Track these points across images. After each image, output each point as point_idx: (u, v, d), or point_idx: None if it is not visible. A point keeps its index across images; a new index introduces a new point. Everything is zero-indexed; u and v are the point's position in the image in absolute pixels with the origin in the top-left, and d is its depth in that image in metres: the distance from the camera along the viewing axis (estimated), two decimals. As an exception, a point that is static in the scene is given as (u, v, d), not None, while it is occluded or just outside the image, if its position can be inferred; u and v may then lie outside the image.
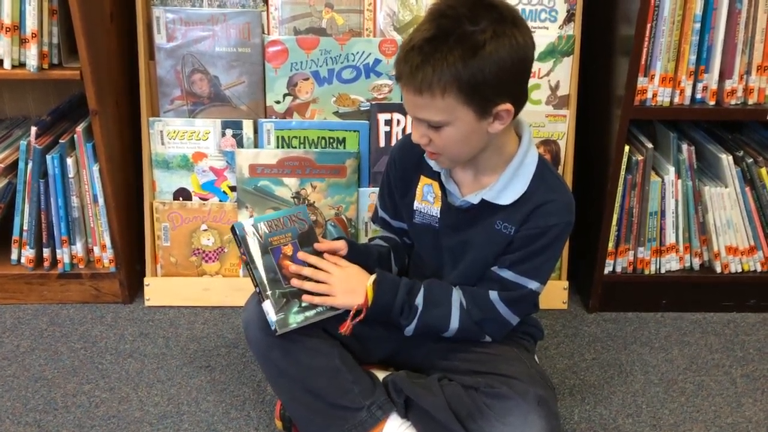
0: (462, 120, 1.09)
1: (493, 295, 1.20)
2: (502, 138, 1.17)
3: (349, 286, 1.20)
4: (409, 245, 1.38)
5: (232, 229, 1.19)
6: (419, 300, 1.20)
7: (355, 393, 1.20)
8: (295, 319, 1.18)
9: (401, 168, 1.30)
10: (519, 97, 1.12)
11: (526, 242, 1.18)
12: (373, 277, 1.20)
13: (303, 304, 1.20)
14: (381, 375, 1.27)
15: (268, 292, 1.18)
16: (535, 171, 1.18)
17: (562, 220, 1.18)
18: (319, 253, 1.24)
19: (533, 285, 1.20)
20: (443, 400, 1.16)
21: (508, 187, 1.18)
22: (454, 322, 1.21)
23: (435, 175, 1.25)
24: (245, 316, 1.23)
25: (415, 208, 1.28)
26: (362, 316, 1.19)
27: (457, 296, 1.22)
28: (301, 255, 1.22)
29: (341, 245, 1.26)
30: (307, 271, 1.21)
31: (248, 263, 1.18)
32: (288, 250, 1.22)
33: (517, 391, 1.12)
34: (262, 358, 1.24)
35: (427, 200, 1.27)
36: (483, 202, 1.19)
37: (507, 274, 1.20)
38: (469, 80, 1.04)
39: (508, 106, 1.09)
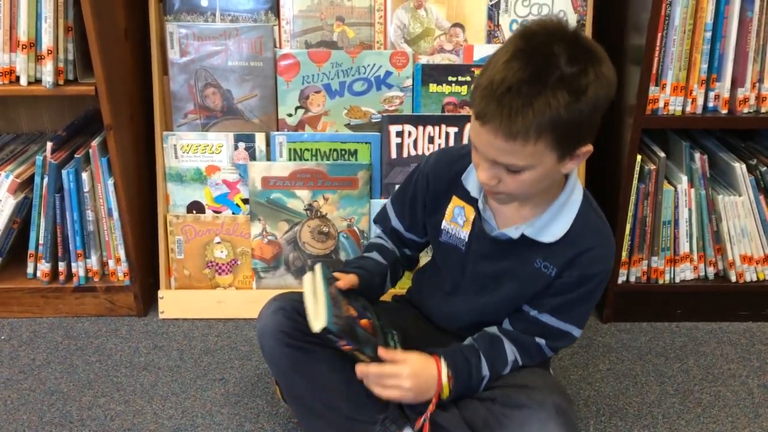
0: (544, 164, 1.01)
1: (542, 342, 1.19)
2: (556, 178, 1.11)
3: (420, 387, 1.13)
4: (409, 256, 1.35)
5: (327, 332, 1.06)
6: (485, 372, 1.17)
7: (369, 407, 1.18)
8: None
9: (434, 186, 1.23)
10: (594, 136, 1.05)
11: (569, 289, 1.15)
12: (445, 373, 1.14)
13: (390, 340, 1.19)
14: None
15: (378, 344, 1.14)
16: (580, 208, 1.13)
17: (606, 268, 1.15)
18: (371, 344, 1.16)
19: (576, 332, 1.19)
20: (457, 414, 1.15)
21: (551, 224, 1.13)
22: (507, 370, 1.20)
23: (471, 200, 1.19)
24: (260, 325, 1.21)
25: (443, 227, 1.23)
26: (432, 407, 1.14)
27: (511, 353, 1.19)
28: (361, 371, 1.13)
29: (355, 280, 1.21)
30: (372, 381, 1.14)
31: (357, 349, 1.11)
32: (353, 311, 1.16)
33: (534, 400, 1.10)
34: (275, 367, 1.22)
35: (456, 222, 1.21)
36: (523, 237, 1.14)
37: (548, 320, 1.18)
38: (567, 125, 0.97)
39: (589, 147, 1.04)
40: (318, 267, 1.18)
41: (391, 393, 1.13)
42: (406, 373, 1.12)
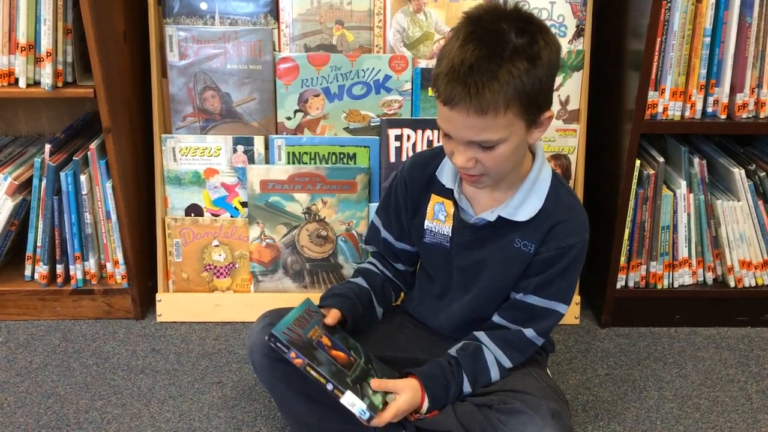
0: (516, 134, 1.07)
1: (530, 333, 1.20)
2: (524, 152, 1.16)
3: (406, 413, 1.16)
4: (403, 272, 1.36)
5: (272, 337, 1.11)
6: (467, 389, 1.19)
7: None
8: (377, 400, 1.15)
9: (412, 188, 1.27)
10: (552, 102, 1.12)
11: (548, 264, 1.17)
12: (426, 407, 1.16)
13: (374, 373, 1.19)
14: None
15: (348, 380, 1.14)
16: (550, 186, 1.18)
17: (580, 239, 1.18)
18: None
19: (561, 308, 1.20)
20: (454, 419, 1.15)
21: (524, 203, 1.17)
22: (495, 377, 1.21)
23: (447, 193, 1.23)
24: (249, 342, 1.22)
25: (426, 227, 1.26)
26: (416, 416, 1.17)
27: (492, 359, 1.20)
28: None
29: (337, 314, 1.22)
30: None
31: (308, 364, 1.11)
32: (327, 341, 1.18)
33: (530, 406, 1.11)
34: (266, 383, 1.24)
35: (438, 219, 1.25)
36: (499, 219, 1.18)
37: (534, 300, 1.19)
38: (530, 91, 1.03)
39: (551, 112, 1.10)
40: (307, 300, 1.22)
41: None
42: (399, 413, 1.14)
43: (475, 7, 1.08)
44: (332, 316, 1.21)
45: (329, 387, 1.12)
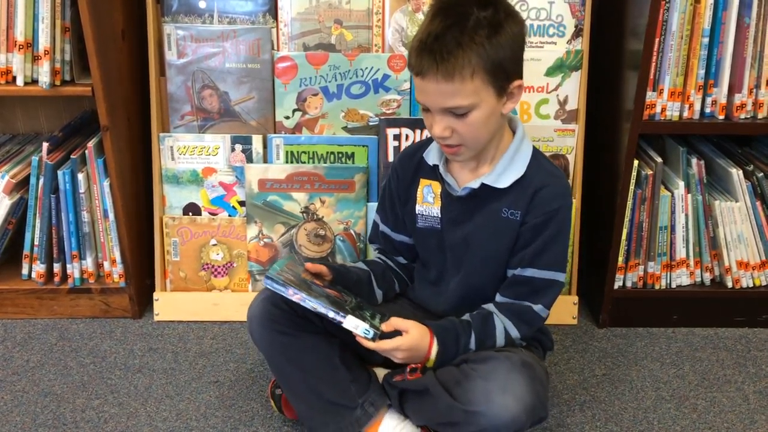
0: (486, 101, 1.13)
1: (538, 308, 1.23)
2: (501, 129, 1.22)
3: (409, 359, 1.19)
4: (405, 265, 1.40)
5: (268, 279, 1.18)
6: (471, 347, 1.21)
7: (352, 391, 1.23)
8: (377, 323, 1.19)
9: (403, 177, 1.33)
10: (522, 73, 1.18)
11: (537, 232, 1.21)
12: (435, 351, 1.19)
13: (369, 313, 1.22)
14: (382, 374, 1.29)
15: (346, 308, 1.18)
16: (531, 157, 1.23)
17: (565, 203, 1.22)
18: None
19: (560, 276, 1.23)
20: (432, 377, 1.17)
21: (507, 170, 1.22)
22: (500, 343, 1.23)
23: (433, 174, 1.28)
24: (249, 313, 1.26)
25: (417, 211, 1.31)
26: (417, 374, 1.20)
27: (501, 326, 1.22)
28: (373, 345, 1.17)
29: (326, 270, 1.28)
30: (372, 345, 1.17)
31: (307, 298, 1.16)
32: (318, 282, 1.24)
33: (502, 355, 1.15)
34: (264, 353, 1.30)
35: (427, 201, 1.30)
36: (483, 187, 1.22)
37: (533, 273, 1.22)
38: (494, 59, 1.10)
39: (520, 81, 1.16)
40: (291, 255, 1.28)
41: (385, 351, 1.18)
42: (403, 347, 1.17)
43: None
44: (316, 266, 1.28)
45: (330, 314, 1.16)
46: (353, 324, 1.15)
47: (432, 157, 1.28)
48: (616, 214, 1.58)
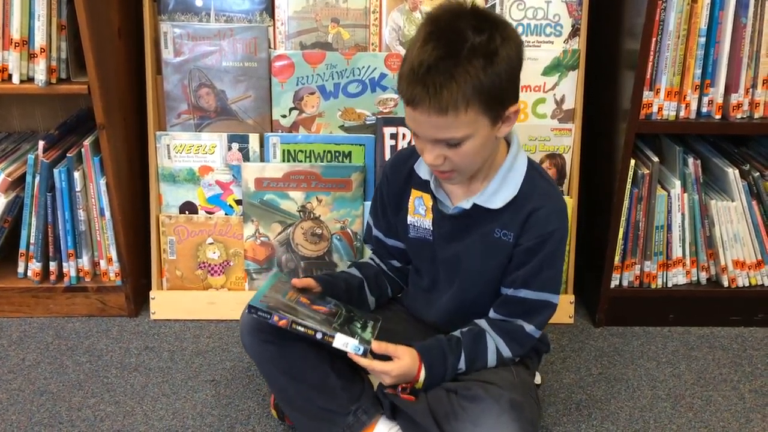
0: (481, 131, 1.09)
1: (530, 328, 1.21)
2: (496, 149, 1.18)
3: (401, 378, 1.19)
4: (400, 268, 1.38)
5: (251, 308, 1.15)
6: (461, 366, 1.21)
7: (343, 398, 1.22)
8: (367, 335, 1.19)
9: (394, 184, 1.30)
10: (519, 96, 1.14)
11: (531, 254, 1.18)
12: (423, 375, 1.18)
13: (359, 324, 1.22)
14: (376, 381, 1.28)
15: (334, 325, 1.17)
16: (526, 175, 1.19)
17: (560, 225, 1.19)
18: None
19: (553, 299, 1.21)
20: (425, 406, 1.17)
21: (499, 190, 1.19)
22: (492, 363, 1.23)
23: (425, 187, 1.25)
24: (241, 324, 1.25)
25: (409, 222, 1.28)
26: (409, 395, 1.19)
27: (492, 345, 1.22)
28: (355, 360, 1.18)
29: (313, 283, 1.27)
30: (364, 363, 1.18)
31: (293, 321, 1.15)
32: (305, 299, 1.23)
33: (491, 395, 1.13)
34: (256, 363, 1.28)
35: (419, 213, 1.27)
36: (475, 207, 1.19)
37: (526, 294, 1.20)
38: (489, 89, 1.05)
39: (516, 106, 1.12)
40: (276, 272, 1.25)
41: (376, 373, 1.19)
42: (393, 373, 1.17)
43: (436, 7, 1.11)
44: (302, 280, 1.26)
45: (318, 336, 1.15)
46: (342, 342, 1.15)
47: (424, 171, 1.24)
48: (612, 213, 1.59)
